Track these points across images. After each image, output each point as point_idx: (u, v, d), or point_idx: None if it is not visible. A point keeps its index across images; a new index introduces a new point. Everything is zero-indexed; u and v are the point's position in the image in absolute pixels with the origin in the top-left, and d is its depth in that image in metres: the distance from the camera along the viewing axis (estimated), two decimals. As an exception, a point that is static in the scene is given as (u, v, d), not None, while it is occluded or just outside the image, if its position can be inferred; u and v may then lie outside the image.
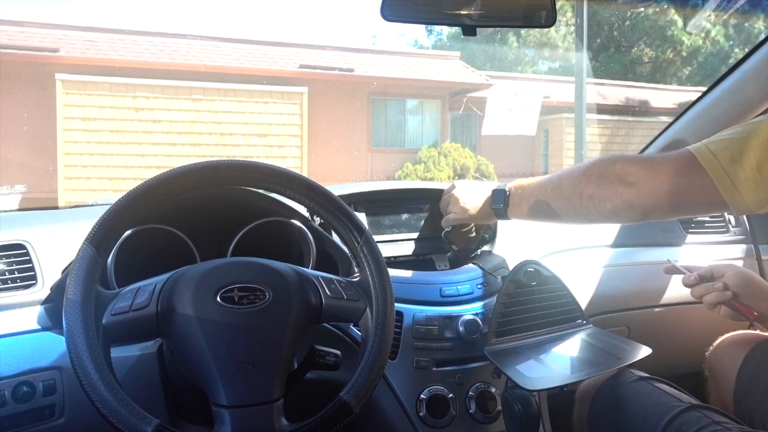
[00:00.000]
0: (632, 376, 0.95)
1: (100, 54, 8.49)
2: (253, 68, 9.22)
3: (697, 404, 0.85)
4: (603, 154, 0.92)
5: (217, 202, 1.02)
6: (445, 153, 9.71)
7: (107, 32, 8.93)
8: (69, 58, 8.24)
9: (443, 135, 10.60)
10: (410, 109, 10.74)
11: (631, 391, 0.92)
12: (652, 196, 0.78)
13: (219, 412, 0.67)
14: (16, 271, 0.92)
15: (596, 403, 0.96)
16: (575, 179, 0.87)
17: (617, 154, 0.85)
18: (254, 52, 9.65)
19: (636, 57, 13.55)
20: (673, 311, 1.29)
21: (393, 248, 1.18)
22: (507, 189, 1.00)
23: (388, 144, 10.41)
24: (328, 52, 10.23)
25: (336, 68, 9.74)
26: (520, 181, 1.00)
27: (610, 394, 0.95)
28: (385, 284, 0.79)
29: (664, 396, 0.89)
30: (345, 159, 9.74)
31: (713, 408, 0.86)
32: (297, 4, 25.45)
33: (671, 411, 0.84)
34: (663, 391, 0.90)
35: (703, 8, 3.49)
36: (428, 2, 0.96)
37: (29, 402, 0.82)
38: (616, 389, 0.94)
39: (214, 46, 9.39)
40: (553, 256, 1.21)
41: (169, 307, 0.70)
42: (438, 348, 1.01)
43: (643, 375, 0.96)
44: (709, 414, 0.83)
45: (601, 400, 0.96)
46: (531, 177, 1.00)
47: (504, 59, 14.73)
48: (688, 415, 0.83)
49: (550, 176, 0.94)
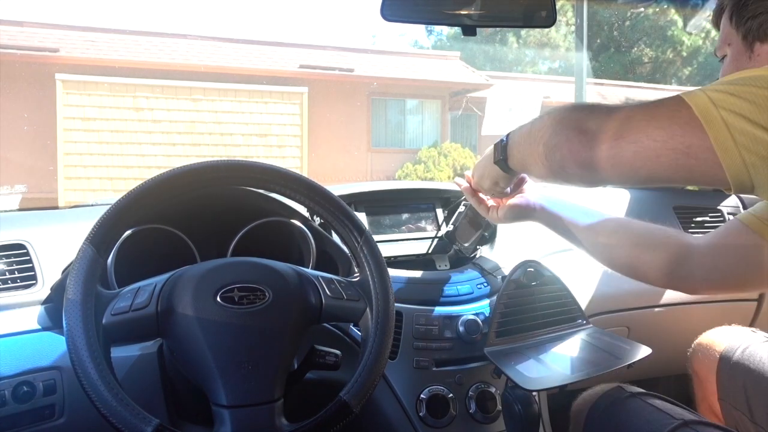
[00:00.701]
0: (625, 393, 0.95)
1: (100, 54, 8.49)
2: (253, 68, 9.22)
3: (689, 420, 0.85)
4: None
5: (217, 202, 1.02)
6: (445, 153, 9.71)
7: (107, 32, 8.93)
8: (69, 58, 8.24)
9: (443, 135, 10.60)
10: (410, 109, 10.75)
11: (624, 409, 0.92)
12: (613, 152, 0.61)
13: (219, 412, 0.67)
14: (16, 271, 0.92)
15: (590, 422, 0.96)
16: (540, 123, 0.73)
17: (579, 103, 0.72)
18: (254, 52, 9.65)
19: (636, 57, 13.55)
20: (673, 311, 1.29)
21: (393, 248, 1.18)
22: (506, 138, 0.84)
23: (388, 144, 10.41)
24: (328, 52, 10.23)
25: (336, 68, 9.74)
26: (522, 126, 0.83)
27: (603, 412, 0.94)
28: (385, 284, 0.79)
29: (656, 413, 0.88)
30: (345, 159, 9.74)
31: (705, 422, 0.85)
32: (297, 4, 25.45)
33: (663, 429, 0.84)
34: (655, 407, 0.90)
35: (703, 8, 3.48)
36: (428, 2, 0.96)
37: (29, 402, 0.82)
38: (609, 407, 0.94)
39: (214, 46, 9.39)
40: (553, 256, 1.21)
41: (169, 307, 0.70)
42: (438, 348, 1.01)
43: (635, 391, 0.96)
44: (702, 429, 0.82)
45: (594, 418, 0.96)
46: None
47: (504, 59, 14.73)
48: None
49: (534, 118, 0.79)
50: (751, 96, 0.54)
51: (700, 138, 0.56)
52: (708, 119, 0.55)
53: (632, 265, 0.89)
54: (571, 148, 0.65)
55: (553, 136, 0.68)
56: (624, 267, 0.91)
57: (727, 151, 0.55)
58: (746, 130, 0.54)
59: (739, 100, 0.55)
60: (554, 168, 0.69)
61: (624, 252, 0.90)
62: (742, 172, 0.55)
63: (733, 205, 1.49)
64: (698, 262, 0.84)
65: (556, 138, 0.67)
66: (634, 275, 0.90)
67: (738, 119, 0.54)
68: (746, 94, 0.55)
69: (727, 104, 0.55)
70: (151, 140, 8.12)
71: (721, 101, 0.56)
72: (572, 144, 0.65)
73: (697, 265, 0.83)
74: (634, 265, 0.89)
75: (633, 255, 0.88)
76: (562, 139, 0.66)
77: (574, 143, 0.65)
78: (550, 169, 0.70)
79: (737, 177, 0.56)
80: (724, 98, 0.56)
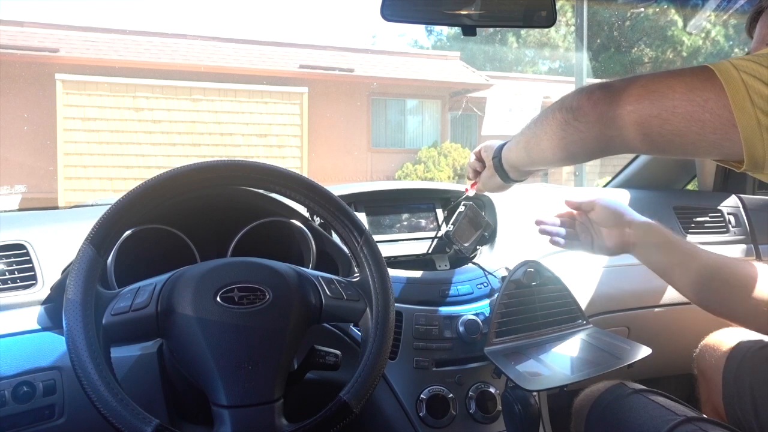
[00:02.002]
0: (627, 389, 0.95)
1: (100, 54, 8.49)
2: (253, 68, 9.22)
3: (692, 417, 0.85)
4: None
5: (217, 202, 1.02)
6: (445, 153, 9.72)
7: (107, 32, 8.93)
8: (69, 58, 8.23)
9: (443, 135, 10.60)
10: (410, 109, 10.74)
11: (627, 405, 0.92)
12: (635, 105, 0.62)
13: (219, 412, 0.67)
14: (16, 271, 0.92)
15: (592, 418, 0.96)
16: (544, 113, 0.76)
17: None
18: (254, 52, 9.65)
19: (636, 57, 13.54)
20: (674, 311, 1.29)
21: (393, 248, 1.18)
22: (502, 145, 0.93)
23: (388, 144, 10.41)
24: (328, 52, 10.23)
25: (336, 68, 9.74)
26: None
27: (605, 408, 0.95)
28: (385, 284, 0.79)
29: (658, 409, 0.89)
30: (345, 159, 9.74)
31: (708, 419, 0.85)
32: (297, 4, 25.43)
33: (666, 425, 0.84)
34: (658, 404, 0.90)
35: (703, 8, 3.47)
36: (428, 2, 0.96)
37: (29, 402, 0.82)
38: (611, 403, 0.94)
39: (214, 46, 9.39)
40: (553, 256, 1.21)
41: (169, 307, 0.70)
42: (438, 348, 1.01)
43: (638, 387, 0.96)
44: (704, 426, 0.83)
45: (596, 414, 0.96)
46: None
47: (504, 59, 14.72)
48: (683, 428, 0.83)
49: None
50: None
51: (718, 95, 0.56)
52: (728, 78, 0.56)
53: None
54: (594, 102, 0.66)
55: (574, 100, 0.68)
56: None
57: (744, 110, 0.55)
58: (764, 93, 0.55)
59: (760, 67, 0.56)
60: (569, 132, 0.69)
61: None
62: (756, 134, 0.55)
63: (732, 205, 1.49)
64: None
65: (577, 100, 0.67)
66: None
67: (757, 83, 0.55)
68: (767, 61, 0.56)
69: (749, 69, 0.56)
70: (151, 140, 8.12)
71: (743, 66, 0.57)
72: (595, 99, 0.65)
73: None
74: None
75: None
76: (583, 98, 0.67)
77: (597, 97, 0.65)
78: (562, 139, 0.70)
79: (750, 140, 0.55)
80: (746, 64, 0.57)
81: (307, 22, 28.54)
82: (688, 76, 0.60)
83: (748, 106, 0.55)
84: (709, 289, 0.90)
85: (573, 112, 0.69)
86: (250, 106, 8.65)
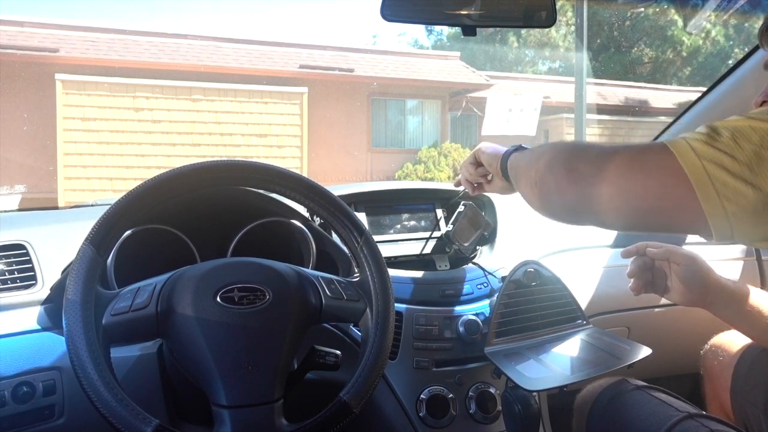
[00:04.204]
0: (630, 386, 0.95)
1: (100, 54, 8.49)
2: (253, 68, 9.22)
3: (694, 413, 0.85)
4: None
5: (217, 202, 1.02)
6: (445, 153, 9.72)
7: (107, 32, 8.92)
8: (69, 58, 8.23)
9: (443, 135, 10.60)
10: (410, 109, 10.74)
11: (629, 401, 0.92)
12: (595, 192, 0.62)
13: (219, 413, 0.67)
14: (16, 271, 0.92)
15: (594, 413, 0.96)
16: (529, 158, 0.77)
17: (578, 142, 0.72)
18: (254, 52, 9.65)
19: (636, 57, 13.55)
20: (673, 311, 1.29)
21: (393, 248, 1.18)
22: (508, 154, 0.90)
23: (388, 144, 10.41)
24: (328, 52, 10.23)
25: (336, 68, 9.74)
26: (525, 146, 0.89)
27: (607, 403, 0.95)
28: (385, 284, 0.79)
29: (661, 405, 0.89)
30: (345, 159, 9.74)
31: (710, 416, 0.85)
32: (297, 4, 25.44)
33: (668, 421, 0.84)
34: (660, 400, 0.90)
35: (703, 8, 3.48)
36: (428, 2, 0.96)
37: (29, 402, 0.82)
38: (613, 399, 0.94)
39: (214, 46, 9.39)
40: (553, 256, 1.21)
41: (169, 307, 0.70)
42: (438, 348, 1.01)
43: (640, 384, 0.96)
44: (706, 422, 0.83)
45: (598, 410, 0.96)
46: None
47: (504, 59, 14.73)
48: (685, 424, 0.83)
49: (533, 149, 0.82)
50: (730, 150, 0.55)
51: (684, 186, 0.56)
52: (692, 169, 0.56)
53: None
54: (558, 185, 0.67)
55: (546, 173, 0.69)
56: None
57: (710, 200, 0.55)
58: (728, 182, 0.55)
59: (719, 153, 0.56)
60: (543, 199, 0.70)
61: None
62: (724, 221, 0.55)
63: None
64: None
65: (548, 175, 0.69)
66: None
67: (720, 171, 0.55)
68: (727, 148, 0.55)
69: (709, 155, 0.56)
70: (150, 140, 8.12)
71: (704, 153, 0.56)
72: (559, 181, 0.66)
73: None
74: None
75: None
76: (551, 177, 0.68)
77: (561, 181, 0.66)
78: (539, 198, 0.72)
79: (719, 225, 0.56)
80: (706, 150, 0.56)
81: (307, 22, 28.57)
82: (649, 164, 0.59)
83: (714, 195, 0.55)
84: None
85: (542, 185, 0.70)
86: (250, 106, 8.65)
